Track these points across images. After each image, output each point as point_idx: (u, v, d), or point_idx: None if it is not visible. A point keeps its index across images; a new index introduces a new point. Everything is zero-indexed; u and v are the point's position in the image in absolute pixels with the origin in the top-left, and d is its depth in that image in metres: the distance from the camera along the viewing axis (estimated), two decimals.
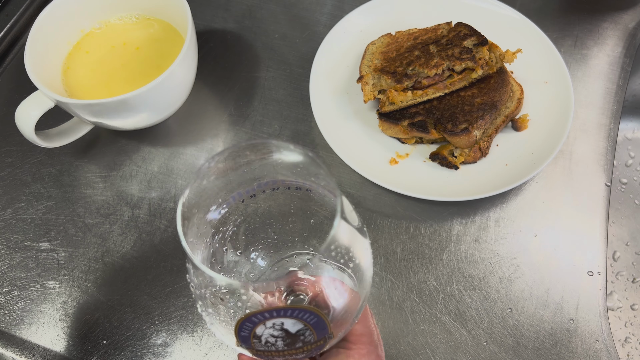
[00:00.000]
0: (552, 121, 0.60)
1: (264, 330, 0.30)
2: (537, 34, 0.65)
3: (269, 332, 0.30)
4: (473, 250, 0.56)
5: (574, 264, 0.55)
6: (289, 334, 0.30)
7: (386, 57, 0.63)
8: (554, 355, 0.51)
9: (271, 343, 0.30)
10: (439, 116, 0.58)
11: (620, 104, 0.64)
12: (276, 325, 0.29)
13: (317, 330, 0.30)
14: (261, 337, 0.30)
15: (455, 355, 0.51)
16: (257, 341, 0.31)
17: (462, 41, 0.59)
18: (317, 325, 0.30)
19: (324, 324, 0.30)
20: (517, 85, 0.62)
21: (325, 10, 0.73)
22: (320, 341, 0.31)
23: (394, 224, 0.58)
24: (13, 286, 0.56)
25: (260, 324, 0.29)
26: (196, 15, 0.72)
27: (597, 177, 0.60)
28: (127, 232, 0.58)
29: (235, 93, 0.67)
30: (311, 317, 0.29)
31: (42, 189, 0.61)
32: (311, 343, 0.31)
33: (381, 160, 0.60)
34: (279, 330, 0.30)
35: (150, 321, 0.53)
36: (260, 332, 0.30)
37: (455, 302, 0.53)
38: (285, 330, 0.30)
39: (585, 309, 0.53)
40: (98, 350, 0.52)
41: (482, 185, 0.57)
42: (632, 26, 0.70)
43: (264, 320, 0.29)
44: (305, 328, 0.30)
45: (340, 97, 0.64)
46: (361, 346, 0.34)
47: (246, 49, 0.70)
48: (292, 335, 0.30)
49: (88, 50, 0.62)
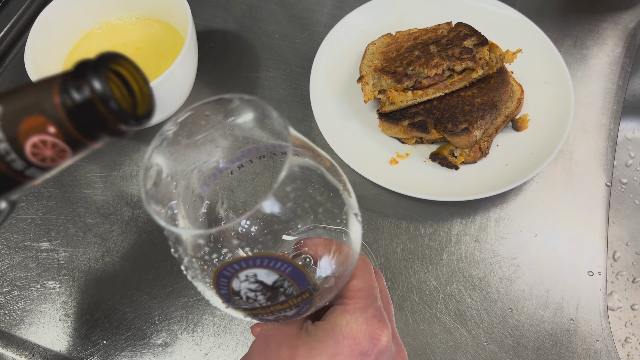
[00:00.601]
0: (552, 121, 0.60)
1: (240, 284, 0.29)
2: (537, 34, 0.65)
3: (245, 285, 0.29)
4: (473, 250, 0.56)
5: (574, 264, 0.55)
6: (267, 287, 0.29)
7: (386, 57, 0.63)
8: (554, 355, 0.51)
9: (252, 299, 0.30)
10: (439, 116, 0.58)
11: (620, 104, 0.64)
12: (249, 277, 0.28)
13: (296, 280, 0.29)
14: (240, 292, 0.29)
15: (456, 355, 0.51)
16: (239, 298, 0.30)
17: (462, 41, 0.60)
18: (294, 275, 0.29)
19: (301, 274, 0.29)
20: (517, 85, 0.62)
21: (325, 10, 0.73)
22: (305, 294, 0.30)
23: (394, 224, 0.58)
24: (13, 286, 0.56)
25: (233, 277, 0.28)
26: (196, 15, 0.72)
27: (597, 177, 0.60)
28: (127, 232, 0.58)
29: (236, 93, 0.67)
30: (284, 265, 0.28)
31: (42, 189, 0.61)
32: (294, 296, 0.30)
33: (381, 160, 0.60)
34: (255, 283, 0.29)
35: (150, 321, 0.53)
36: (237, 286, 0.29)
37: (455, 302, 0.53)
38: (262, 283, 0.29)
39: (585, 309, 0.53)
40: (98, 350, 0.52)
41: (482, 185, 0.57)
42: (632, 26, 0.70)
43: (235, 273, 0.28)
44: (282, 279, 0.29)
45: (340, 97, 0.64)
46: (357, 300, 0.33)
47: (246, 49, 0.70)
48: (271, 287, 0.29)
49: (88, 51, 0.62)
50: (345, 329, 0.31)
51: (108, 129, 0.22)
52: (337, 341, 0.31)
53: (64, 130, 0.21)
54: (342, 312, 0.32)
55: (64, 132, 0.21)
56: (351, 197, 0.34)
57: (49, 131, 0.21)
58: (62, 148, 0.22)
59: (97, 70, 0.21)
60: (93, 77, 0.21)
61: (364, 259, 0.36)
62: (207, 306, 0.54)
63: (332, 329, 0.32)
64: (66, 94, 0.21)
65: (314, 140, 0.63)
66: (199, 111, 0.30)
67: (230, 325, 0.53)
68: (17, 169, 0.22)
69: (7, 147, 0.22)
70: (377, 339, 0.32)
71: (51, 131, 0.21)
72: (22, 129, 0.21)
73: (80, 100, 0.21)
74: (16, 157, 0.22)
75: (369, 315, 0.32)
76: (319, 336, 0.32)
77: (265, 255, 0.28)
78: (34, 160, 0.22)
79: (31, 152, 0.22)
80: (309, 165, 0.32)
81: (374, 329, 0.32)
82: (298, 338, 0.32)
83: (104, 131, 0.22)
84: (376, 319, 0.32)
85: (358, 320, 0.32)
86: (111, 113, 0.21)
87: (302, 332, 0.33)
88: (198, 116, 0.31)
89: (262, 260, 0.28)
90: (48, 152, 0.22)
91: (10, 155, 0.22)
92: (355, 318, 0.32)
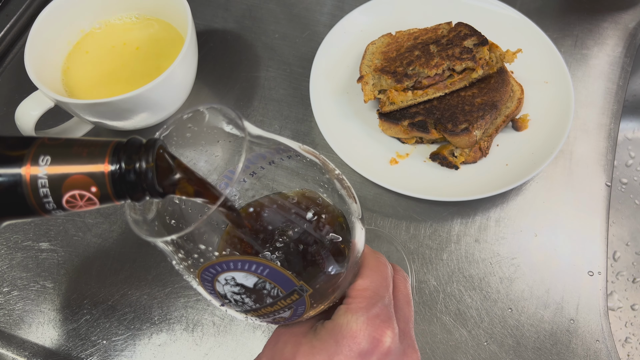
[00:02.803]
0: (552, 121, 0.60)
1: (223, 288, 0.29)
2: (537, 34, 0.65)
3: (229, 288, 0.29)
4: (473, 250, 0.56)
5: (575, 264, 0.55)
6: (250, 290, 0.29)
7: (386, 57, 0.63)
8: (554, 355, 0.51)
9: (240, 301, 0.29)
10: (439, 116, 0.58)
11: (620, 104, 0.64)
12: (229, 280, 0.28)
13: (278, 282, 0.29)
14: (226, 295, 0.29)
15: (456, 356, 0.51)
16: (228, 301, 0.30)
17: (462, 41, 0.59)
18: (274, 277, 0.28)
19: (281, 275, 0.28)
20: (518, 85, 0.62)
21: (325, 10, 0.73)
22: (293, 295, 0.30)
23: (394, 224, 0.58)
24: (13, 286, 0.56)
25: (214, 280, 0.29)
26: (196, 15, 0.72)
27: (597, 177, 0.60)
28: (127, 232, 0.58)
29: (235, 93, 0.67)
30: (260, 267, 0.28)
31: None
32: (281, 298, 0.29)
33: (381, 160, 0.60)
34: (237, 286, 0.29)
35: (150, 321, 0.53)
36: (221, 290, 0.29)
37: (455, 302, 0.53)
38: (243, 286, 0.29)
39: (585, 309, 0.53)
40: (98, 351, 0.52)
41: (482, 185, 0.57)
42: (632, 26, 0.70)
43: (215, 276, 0.28)
44: (262, 281, 0.28)
45: (340, 97, 0.64)
46: (360, 300, 0.32)
47: (246, 49, 0.70)
48: (254, 290, 0.29)
49: (88, 50, 0.62)
50: (346, 329, 0.31)
51: (135, 198, 0.26)
52: (337, 341, 0.31)
53: (104, 192, 0.25)
54: (345, 312, 0.32)
55: (102, 193, 0.25)
56: (356, 201, 0.34)
57: (91, 190, 0.25)
58: (94, 202, 0.26)
59: (146, 159, 0.25)
60: (143, 163, 0.25)
61: (377, 259, 0.35)
62: (207, 306, 0.54)
63: (333, 329, 0.31)
64: (116, 169, 0.25)
65: (313, 140, 0.63)
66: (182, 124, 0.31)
67: (230, 325, 0.53)
68: (46, 209, 0.25)
69: (47, 193, 0.25)
70: (378, 340, 0.31)
71: (92, 190, 0.25)
72: (67, 183, 0.25)
73: (127, 179, 0.25)
74: (51, 202, 0.25)
75: (371, 315, 0.32)
76: (321, 335, 0.31)
77: (239, 258, 0.28)
78: (65, 207, 0.25)
79: (66, 201, 0.25)
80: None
81: (374, 329, 0.31)
82: (304, 336, 0.32)
83: (132, 198, 0.26)
84: (379, 319, 0.32)
85: (359, 320, 0.31)
86: (147, 190, 0.26)
87: (310, 331, 0.32)
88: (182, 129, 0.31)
89: (236, 263, 0.28)
90: (81, 203, 0.25)
91: (47, 199, 0.25)
92: (356, 318, 0.31)
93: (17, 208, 0.25)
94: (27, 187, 0.24)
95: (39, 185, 0.24)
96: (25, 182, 0.24)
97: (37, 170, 0.24)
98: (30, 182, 0.24)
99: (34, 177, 0.24)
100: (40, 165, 0.24)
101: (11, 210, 0.26)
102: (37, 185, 0.24)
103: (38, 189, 0.24)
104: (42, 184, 0.24)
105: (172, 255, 0.29)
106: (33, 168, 0.24)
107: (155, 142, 0.26)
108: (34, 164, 0.24)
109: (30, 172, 0.24)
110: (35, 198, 0.25)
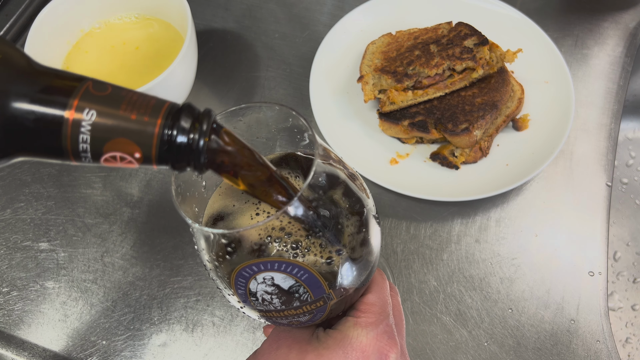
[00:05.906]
0: (552, 121, 0.60)
1: (257, 286, 0.29)
2: (537, 34, 0.65)
3: (262, 287, 0.29)
4: (474, 250, 0.56)
5: (575, 264, 0.55)
6: (283, 291, 0.29)
7: (386, 56, 0.62)
8: (554, 355, 0.51)
9: (268, 301, 0.30)
10: (440, 116, 0.58)
11: (621, 104, 0.64)
12: (267, 280, 0.29)
13: (312, 288, 0.29)
14: (257, 294, 0.30)
15: (456, 356, 0.51)
16: (255, 299, 0.30)
17: (462, 41, 0.59)
18: (310, 283, 0.29)
19: (317, 282, 0.29)
20: (518, 85, 0.62)
21: (325, 10, 0.73)
22: (320, 302, 0.30)
23: (394, 224, 0.57)
24: (12, 286, 0.56)
25: (251, 278, 0.29)
26: (196, 15, 0.72)
27: (597, 177, 0.60)
28: (126, 232, 0.58)
29: (235, 93, 0.67)
30: (301, 271, 0.28)
31: (41, 189, 0.61)
32: (309, 303, 0.30)
33: (381, 160, 0.60)
34: (271, 286, 0.29)
35: (149, 321, 0.53)
36: (254, 288, 0.29)
37: (455, 302, 0.53)
38: (278, 287, 0.29)
39: (586, 310, 0.53)
40: (97, 351, 0.52)
41: (482, 185, 0.57)
42: (632, 26, 0.70)
43: (254, 275, 0.28)
44: (298, 284, 0.29)
45: (340, 97, 0.64)
46: (370, 315, 0.33)
47: (246, 49, 0.70)
48: (286, 292, 0.29)
49: (88, 50, 0.62)
50: (355, 342, 0.32)
51: (177, 167, 0.24)
52: (346, 352, 0.31)
53: (147, 157, 0.23)
54: (354, 325, 0.33)
55: (145, 158, 0.23)
56: (369, 198, 0.34)
57: (134, 155, 0.23)
58: (132, 164, 0.23)
59: (202, 131, 0.23)
60: (200, 137, 0.23)
61: (381, 275, 0.37)
62: (206, 306, 0.54)
63: (342, 339, 0.32)
64: (167, 137, 0.22)
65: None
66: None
67: (229, 325, 0.53)
68: (80, 158, 0.23)
69: (86, 148, 0.22)
70: (385, 356, 0.32)
71: (136, 156, 0.23)
72: (110, 144, 0.22)
73: (176, 149, 0.23)
74: (89, 156, 0.23)
75: (379, 331, 0.33)
76: (328, 344, 0.32)
77: (284, 260, 0.28)
78: (102, 163, 0.23)
79: (105, 160, 0.23)
80: (332, 171, 0.33)
81: (383, 345, 0.32)
82: (308, 344, 0.33)
83: (173, 167, 0.24)
84: (386, 336, 0.33)
85: (369, 335, 0.32)
86: (193, 161, 0.24)
87: (313, 338, 0.33)
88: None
89: (280, 265, 0.28)
90: (119, 164, 0.23)
91: (85, 153, 0.23)
92: (366, 332, 0.32)
93: (49, 149, 0.23)
94: (67, 139, 0.22)
95: (79, 140, 0.22)
96: (66, 134, 0.22)
97: (80, 123, 0.22)
98: (71, 135, 0.22)
99: (76, 131, 0.22)
100: (84, 120, 0.22)
101: (40, 149, 0.23)
102: (78, 140, 0.22)
103: (78, 144, 0.22)
104: (83, 140, 0.22)
105: (210, 247, 0.29)
106: (76, 119, 0.22)
107: (211, 115, 0.24)
108: (77, 112, 0.22)
109: (74, 119, 0.22)
110: (72, 149, 0.22)
